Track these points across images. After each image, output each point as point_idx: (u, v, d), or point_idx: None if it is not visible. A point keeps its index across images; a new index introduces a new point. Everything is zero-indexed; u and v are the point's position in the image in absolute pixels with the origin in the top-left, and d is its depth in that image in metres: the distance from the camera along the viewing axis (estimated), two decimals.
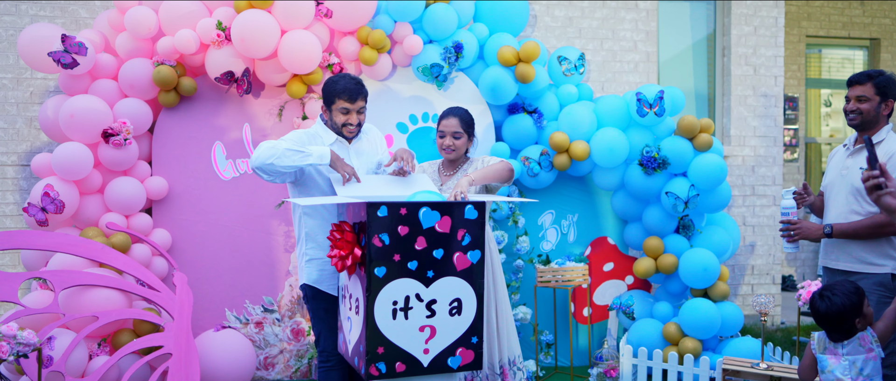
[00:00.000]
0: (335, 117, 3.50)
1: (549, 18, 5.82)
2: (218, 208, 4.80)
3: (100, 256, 4.04)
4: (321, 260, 3.50)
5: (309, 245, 3.53)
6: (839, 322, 2.88)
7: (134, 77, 4.51)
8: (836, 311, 2.86)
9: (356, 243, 2.90)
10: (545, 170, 5.00)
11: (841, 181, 3.65)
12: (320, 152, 3.32)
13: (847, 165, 3.63)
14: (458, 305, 2.94)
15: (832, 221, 3.63)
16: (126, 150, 4.42)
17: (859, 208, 3.53)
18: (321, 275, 3.50)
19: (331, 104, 3.49)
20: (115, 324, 4.18)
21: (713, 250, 4.96)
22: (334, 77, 3.52)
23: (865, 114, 3.57)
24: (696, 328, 4.76)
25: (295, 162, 3.27)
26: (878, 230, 3.43)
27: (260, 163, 3.26)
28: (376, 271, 2.81)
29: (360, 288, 2.89)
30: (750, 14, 6.18)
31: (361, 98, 3.49)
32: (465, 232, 2.93)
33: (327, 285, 3.52)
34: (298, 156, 3.27)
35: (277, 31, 4.49)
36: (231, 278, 4.81)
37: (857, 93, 3.60)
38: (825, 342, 2.97)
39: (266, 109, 4.88)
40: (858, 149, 3.62)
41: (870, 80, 3.59)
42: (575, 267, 4.95)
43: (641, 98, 4.82)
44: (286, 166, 3.27)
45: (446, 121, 3.71)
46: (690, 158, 4.88)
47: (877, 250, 3.47)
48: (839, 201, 3.63)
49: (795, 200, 3.85)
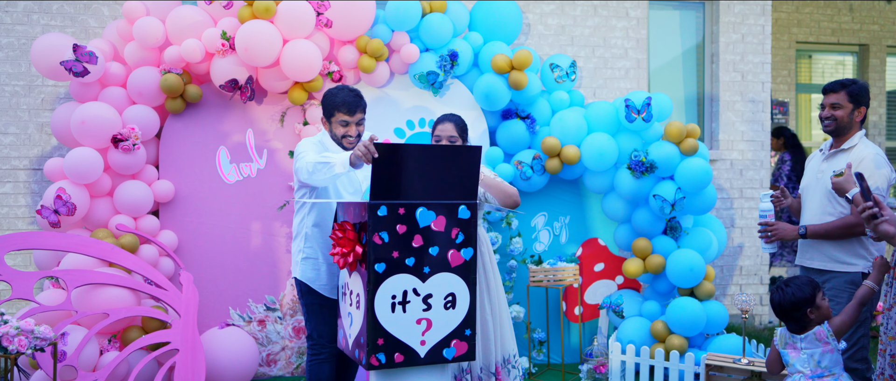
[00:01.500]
0: (335, 129, 3.67)
1: (542, 27, 6.00)
2: (222, 211, 4.97)
3: (110, 256, 4.22)
4: (317, 260, 3.68)
5: (307, 244, 3.71)
6: (792, 312, 3.07)
7: (142, 85, 4.69)
8: (788, 301, 3.06)
9: (357, 241, 3.08)
10: (537, 173, 5.18)
11: (816, 184, 3.85)
12: (341, 160, 3.35)
13: (822, 169, 3.83)
14: (452, 299, 3.12)
15: (808, 222, 3.82)
16: (134, 154, 4.59)
17: (832, 210, 3.72)
18: (316, 275, 3.69)
19: (330, 117, 3.66)
20: (124, 321, 4.36)
21: (699, 250, 5.14)
22: (333, 90, 3.66)
23: (839, 120, 3.77)
24: (683, 325, 4.93)
25: (328, 174, 3.36)
26: (849, 230, 3.62)
27: (306, 179, 3.45)
28: (377, 267, 2.98)
29: (360, 284, 3.07)
30: (738, 22, 6.37)
31: (360, 110, 3.65)
32: (459, 231, 3.11)
33: (321, 286, 3.70)
34: (326, 168, 3.35)
35: (279, 40, 4.66)
36: (235, 278, 4.99)
37: (832, 100, 3.80)
38: (786, 337, 3.16)
39: (268, 115, 5.05)
40: (833, 154, 3.82)
41: (843, 88, 3.79)
42: (566, 267, 5.12)
43: (630, 104, 5.00)
44: (324, 181, 3.44)
45: (442, 126, 3.83)
46: (677, 162, 5.05)
47: (849, 249, 3.65)
48: (814, 203, 3.83)
49: (773, 203, 4.04)
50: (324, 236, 3.69)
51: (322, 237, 3.70)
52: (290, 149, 5.03)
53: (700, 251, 5.14)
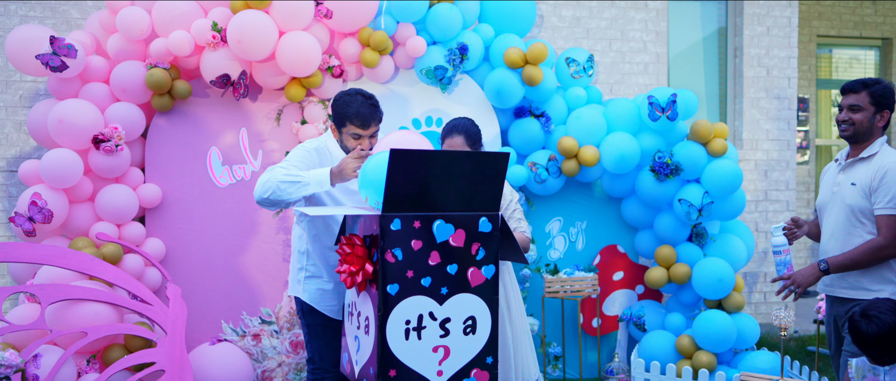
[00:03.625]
0: (345, 141, 3.29)
1: (556, 19, 5.64)
2: (213, 216, 4.62)
3: (89, 268, 3.86)
4: (321, 279, 3.32)
5: (310, 261, 3.35)
6: (890, 344, 2.69)
7: (126, 80, 4.33)
8: (887, 331, 2.67)
9: (367, 258, 2.73)
10: (553, 176, 4.83)
11: (833, 201, 3.39)
12: (318, 178, 3.05)
13: (838, 182, 3.38)
14: (472, 323, 2.77)
15: (828, 246, 3.38)
16: (117, 156, 4.24)
17: (853, 230, 3.28)
18: (321, 296, 3.33)
19: (341, 126, 3.29)
20: (105, 340, 4.00)
21: (727, 258, 4.80)
22: (345, 97, 3.27)
23: (858, 125, 3.31)
24: (711, 341, 4.59)
25: (292, 195, 3.03)
26: (877, 255, 3.18)
27: (259, 197, 3.07)
28: (389, 289, 2.63)
29: (370, 306, 2.72)
30: (762, 14, 6.00)
31: (375, 122, 3.28)
32: (480, 246, 2.76)
33: (325, 307, 3.34)
34: (294, 187, 3.03)
35: (275, 32, 4.31)
36: (227, 289, 4.63)
37: (851, 102, 3.34)
38: (864, 369, 2.79)
39: (264, 114, 4.70)
40: (850, 163, 3.37)
41: (865, 88, 3.32)
42: (584, 277, 4.78)
43: (653, 101, 4.65)
44: (285, 199, 3.06)
45: (451, 140, 3.43)
46: (704, 164, 4.72)
47: (874, 274, 3.23)
48: (833, 223, 3.37)
49: (786, 235, 3.61)
50: (324, 251, 3.33)
51: (323, 252, 3.34)
52: (287, 149, 4.66)
53: (728, 260, 4.79)
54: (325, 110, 4.64)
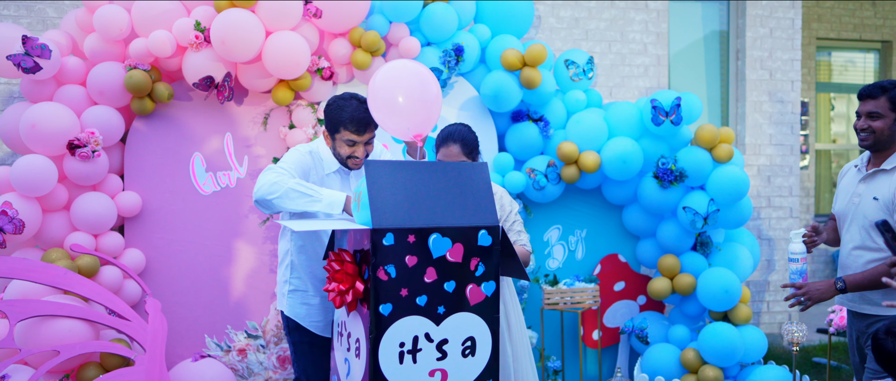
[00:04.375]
0: (339, 148, 3.09)
1: (553, 19, 5.45)
2: (197, 226, 4.39)
3: (62, 282, 3.62)
4: (306, 294, 3.11)
5: (293, 275, 3.14)
6: None
7: (104, 82, 4.10)
8: None
9: (358, 275, 2.52)
10: (552, 183, 4.63)
11: (855, 213, 3.20)
12: (331, 200, 2.84)
13: (859, 193, 3.18)
14: (471, 344, 2.57)
15: (847, 257, 3.19)
16: (94, 162, 4.01)
17: (874, 245, 3.09)
18: (307, 311, 3.12)
19: (334, 132, 3.08)
20: (79, 358, 3.76)
21: (733, 269, 4.62)
22: (340, 101, 3.07)
23: (878, 133, 3.11)
24: (717, 354, 4.40)
25: (301, 207, 2.83)
26: None
27: (261, 196, 2.85)
28: (381, 309, 2.43)
29: (361, 328, 2.51)
30: (765, 15, 5.83)
31: (371, 128, 3.07)
32: (479, 261, 2.55)
33: (311, 323, 3.13)
34: (304, 200, 2.83)
35: (261, 32, 4.09)
36: (211, 302, 4.41)
37: (869, 108, 3.12)
38: None
39: (250, 118, 4.48)
40: (871, 174, 3.17)
41: (884, 93, 3.10)
42: (585, 288, 4.59)
43: (657, 105, 4.46)
44: (287, 208, 2.85)
45: (446, 149, 3.22)
46: (709, 170, 4.54)
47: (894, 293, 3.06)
48: (852, 236, 3.19)
49: (805, 243, 3.38)
50: (310, 264, 3.12)
51: (309, 265, 3.13)
52: (275, 155, 4.45)
53: (734, 270, 4.61)
54: (314, 114, 4.43)
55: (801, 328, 3.72)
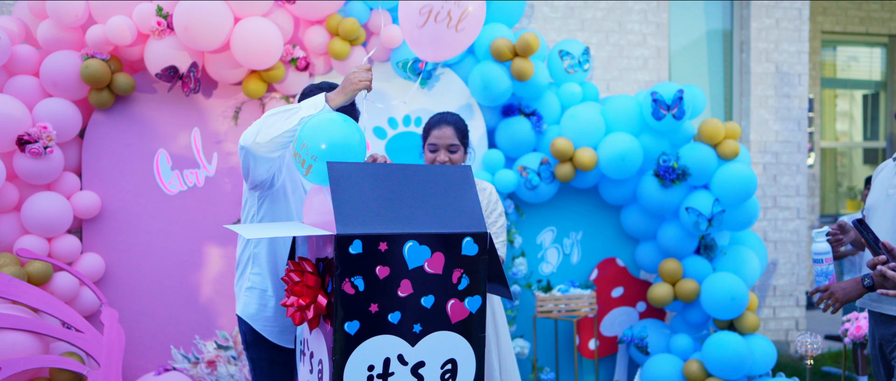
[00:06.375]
0: None
1: (547, 8, 5.14)
2: (162, 228, 4.11)
3: (8, 291, 3.31)
4: (264, 293, 2.77)
5: (253, 270, 2.80)
6: None
7: (58, 73, 3.81)
8: None
9: (320, 288, 2.21)
10: (545, 181, 4.34)
11: (886, 203, 2.92)
12: (312, 101, 2.53)
13: (895, 184, 2.95)
14: (451, 368, 2.26)
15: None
16: (47, 159, 3.71)
17: None
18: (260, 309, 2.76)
19: None
20: (26, 374, 3.46)
21: (739, 273, 4.34)
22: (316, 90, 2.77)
23: None
24: (723, 366, 4.14)
25: (283, 127, 2.47)
26: None
27: (244, 144, 2.53)
28: (347, 327, 2.11)
29: (324, 348, 2.19)
30: (771, 5, 5.54)
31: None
32: (462, 273, 2.24)
33: (265, 325, 2.78)
34: (285, 115, 2.49)
35: (230, 18, 3.80)
36: (177, 310, 4.11)
37: None
38: None
39: (219, 112, 4.18)
40: None
41: None
42: (581, 295, 4.29)
43: (658, 99, 4.17)
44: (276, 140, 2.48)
45: (438, 131, 3.00)
46: (714, 168, 4.27)
47: None
48: (884, 232, 2.89)
49: (830, 242, 3.09)
50: (274, 255, 2.78)
51: (271, 261, 2.79)
52: None
53: (740, 274, 4.33)
54: None
55: (815, 340, 3.41)
